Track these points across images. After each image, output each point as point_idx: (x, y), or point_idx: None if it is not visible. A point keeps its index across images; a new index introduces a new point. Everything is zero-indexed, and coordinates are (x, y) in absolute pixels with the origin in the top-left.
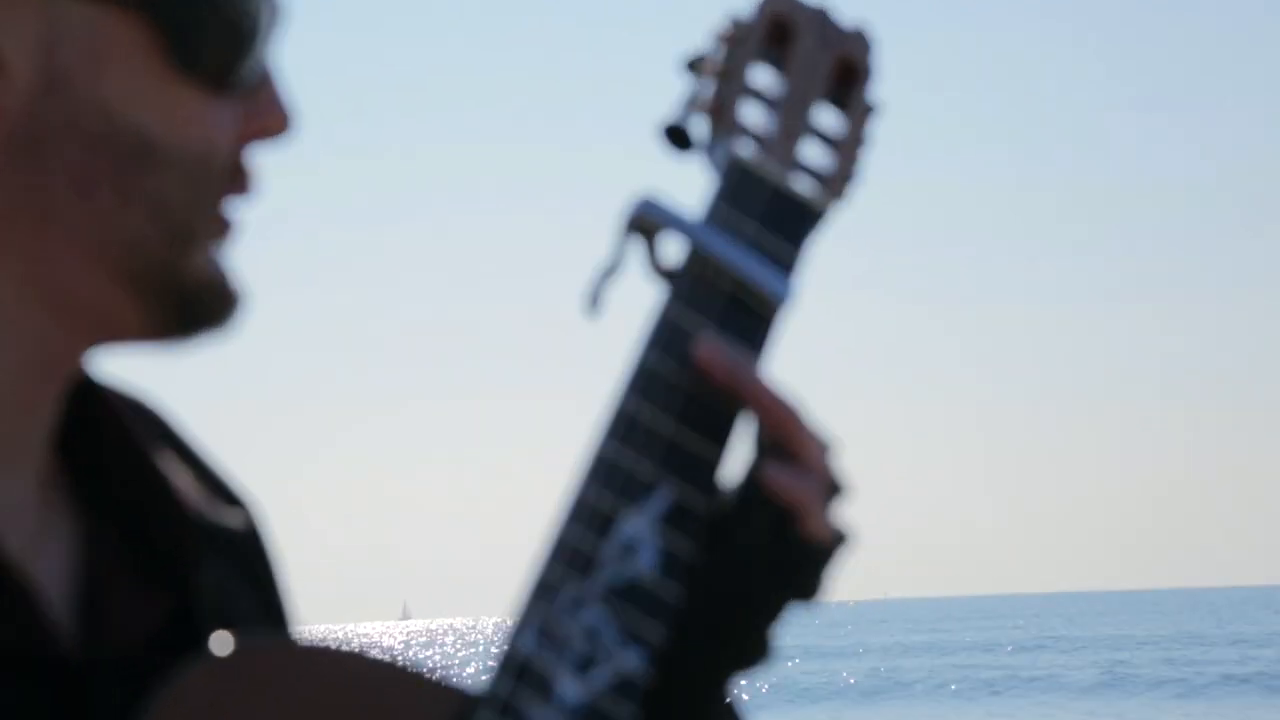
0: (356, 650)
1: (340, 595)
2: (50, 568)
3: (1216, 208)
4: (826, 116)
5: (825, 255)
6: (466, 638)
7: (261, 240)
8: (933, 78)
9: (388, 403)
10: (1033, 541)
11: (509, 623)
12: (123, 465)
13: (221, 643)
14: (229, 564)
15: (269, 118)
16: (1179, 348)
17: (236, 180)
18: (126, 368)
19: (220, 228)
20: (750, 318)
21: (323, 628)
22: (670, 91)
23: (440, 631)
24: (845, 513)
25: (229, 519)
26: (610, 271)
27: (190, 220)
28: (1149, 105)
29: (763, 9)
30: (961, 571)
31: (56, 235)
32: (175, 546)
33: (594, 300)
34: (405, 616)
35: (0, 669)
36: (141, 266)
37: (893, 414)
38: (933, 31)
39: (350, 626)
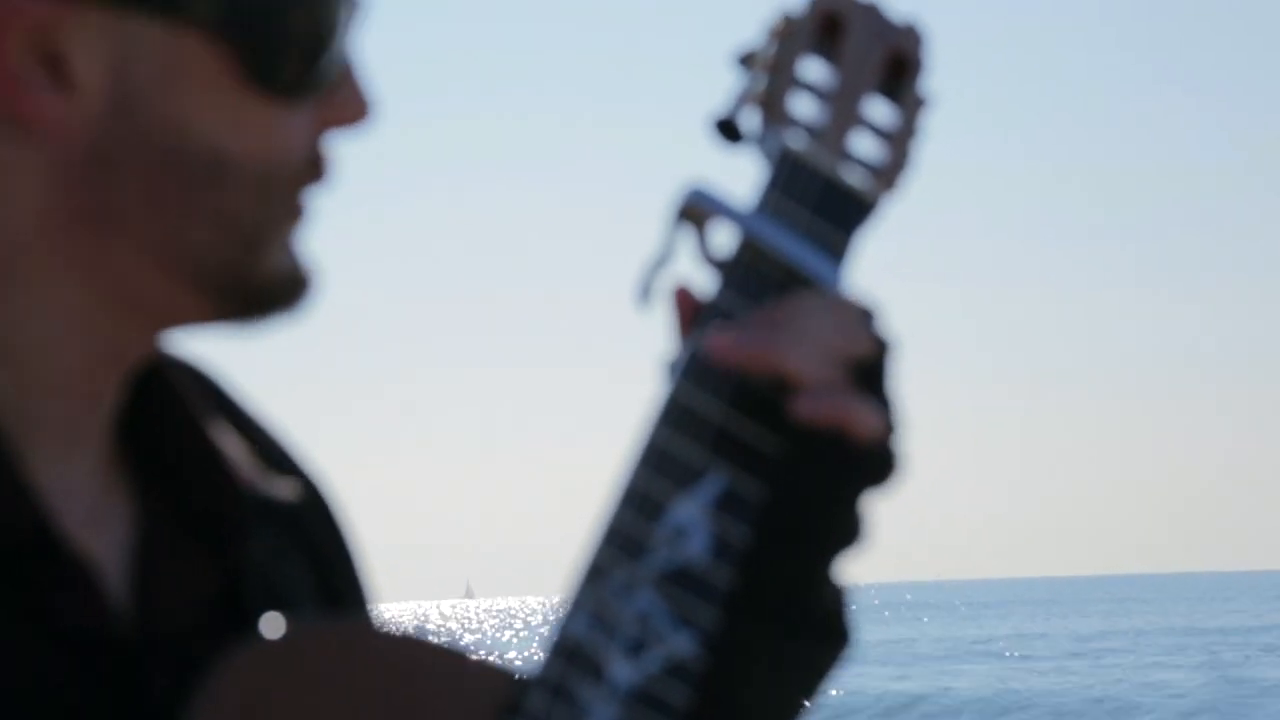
0: (406, 631)
1: (402, 573)
2: (108, 546)
3: (1246, 192)
4: (878, 109)
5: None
6: (532, 618)
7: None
8: (957, 60)
9: (450, 379)
10: (1057, 527)
11: (560, 606)
12: (178, 437)
13: (269, 624)
14: (282, 536)
15: (348, 109)
16: (1208, 330)
17: (313, 171)
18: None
19: (294, 218)
20: None
21: (383, 607)
22: (722, 85)
23: (506, 611)
24: (895, 393)
25: (284, 489)
26: (661, 262)
27: (260, 228)
28: (1178, 88)
29: (814, 3)
30: (982, 556)
31: (123, 243)
32: (224, 520)
33: (645, 291)
34: (469, 595)
35: (61, 649)
36: (209, 271)
37: (921, 398)
38: (961, 15)
39: (412, 605)
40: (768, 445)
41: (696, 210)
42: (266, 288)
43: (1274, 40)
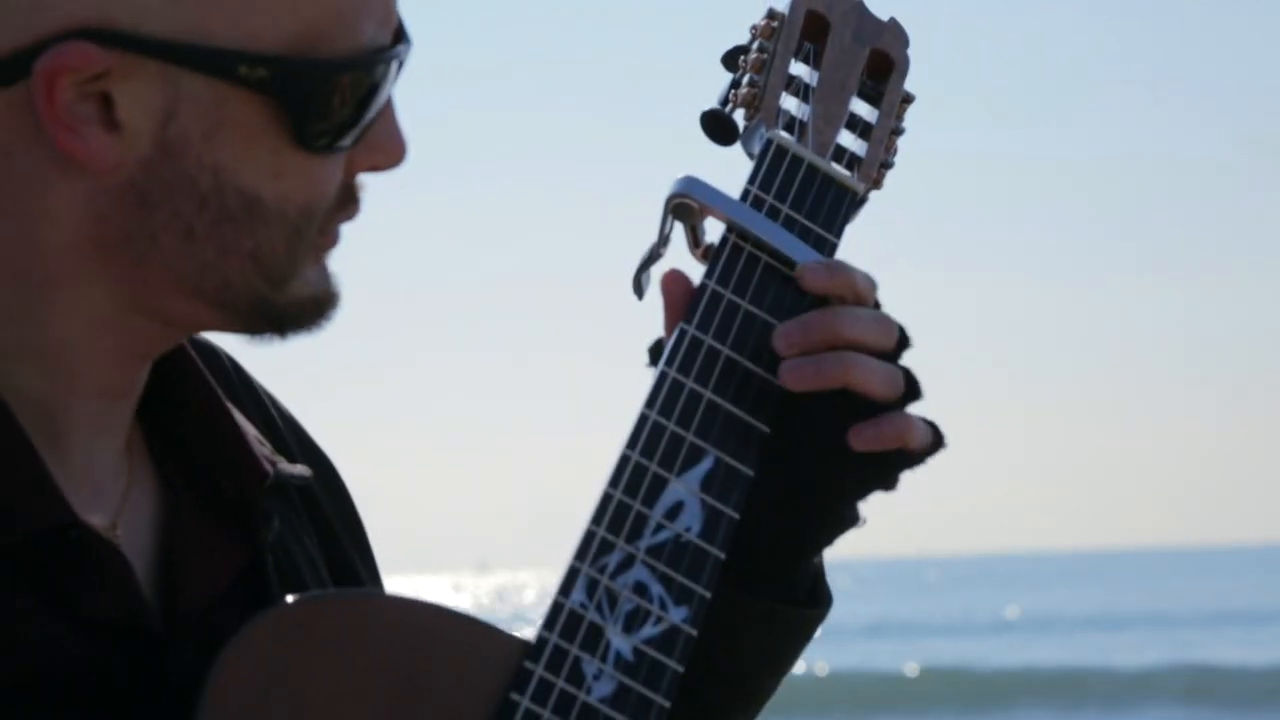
0: (414, 599)
1: (415, 546)
2: (134, 530)
3: (1233, 184)
4: (862, 106)
5: (853, 233)
6: (545, 592)
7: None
8: (945, 53)
9: (460, 354)
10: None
11: (560, 581)
12: (200, 419)
13: (287, 599)
14: (298, 513)
15: (382, 153)
16: (1201, 319)
17: (345, 207)
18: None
19: (323, 248)
20: (788, 294)
21: (397, 580)
22: (713, 83)
23: (520, 585)
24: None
25: (297, 469)
26: (653, 256)
27: (288, 264)
28: (1163, 83)
29: (799, 2)
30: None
31: (157, 269)
32: (246, 501)
33: (639, 285)
34: (483, 569)
35: (89, 635)
36: (235, 298)
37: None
38: (957, 9)
39: (428, 579)
40: (757, 426)
41: (687, 201)
42: (290, 312)
43: (1266, 37)
